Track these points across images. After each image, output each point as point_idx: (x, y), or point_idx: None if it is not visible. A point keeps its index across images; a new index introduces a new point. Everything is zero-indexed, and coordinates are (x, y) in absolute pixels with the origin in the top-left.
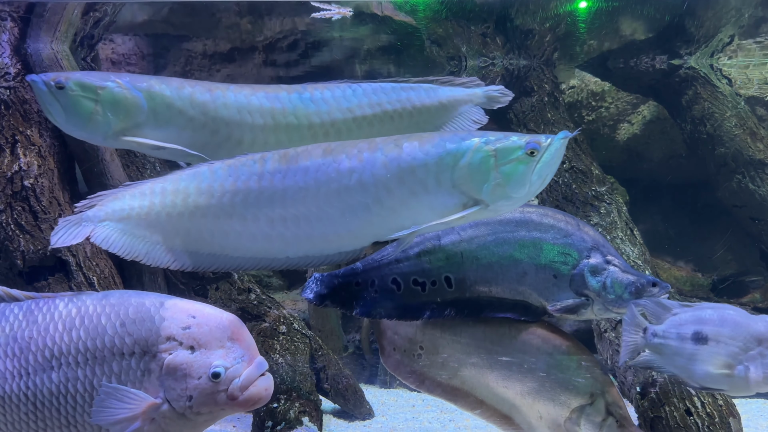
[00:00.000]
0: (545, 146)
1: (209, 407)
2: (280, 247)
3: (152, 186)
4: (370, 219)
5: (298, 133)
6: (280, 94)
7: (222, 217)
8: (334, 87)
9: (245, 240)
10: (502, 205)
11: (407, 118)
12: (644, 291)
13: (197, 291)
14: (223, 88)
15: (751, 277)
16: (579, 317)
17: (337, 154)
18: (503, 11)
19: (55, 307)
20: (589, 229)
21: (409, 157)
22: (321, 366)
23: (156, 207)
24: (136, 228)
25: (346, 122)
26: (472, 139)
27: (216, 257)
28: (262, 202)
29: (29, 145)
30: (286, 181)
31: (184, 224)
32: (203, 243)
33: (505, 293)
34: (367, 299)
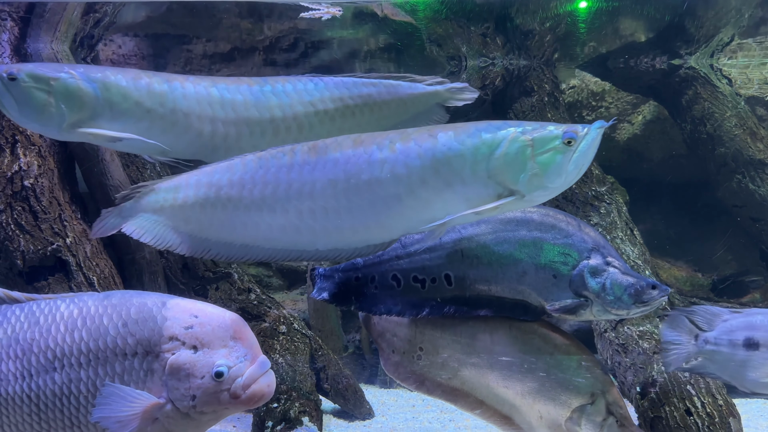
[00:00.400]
0: (582, 135)
1: (213, 406)
2: (309, 240)
3: (187, 179)
4: (401, 211)
5: (259, 126)
6: (241, 87)
7: (253, 209)
8: (296, 80)
9: (275, 232)
10: (538, 195)
11: (368, 114)
12: (644, 293)
13: (197, 291)
14: (182, 79)
15: (751, 277)
16: (578, 318)
17: (368, 145)
18: (503, 11)
19: (56, 309)
20: (590, 230)
21: (445, 147)
22: (321, 366)
23: (190, 199)
24: (171, 219)
25: (308, 116)
26: (509, 128)
27: (248, 248)
28: (292, 194)
29: (29, 145)
30: (316, 173)
31: (217, 216)
32: (236, 234)
33: (505, 292)
34: (366, 295)
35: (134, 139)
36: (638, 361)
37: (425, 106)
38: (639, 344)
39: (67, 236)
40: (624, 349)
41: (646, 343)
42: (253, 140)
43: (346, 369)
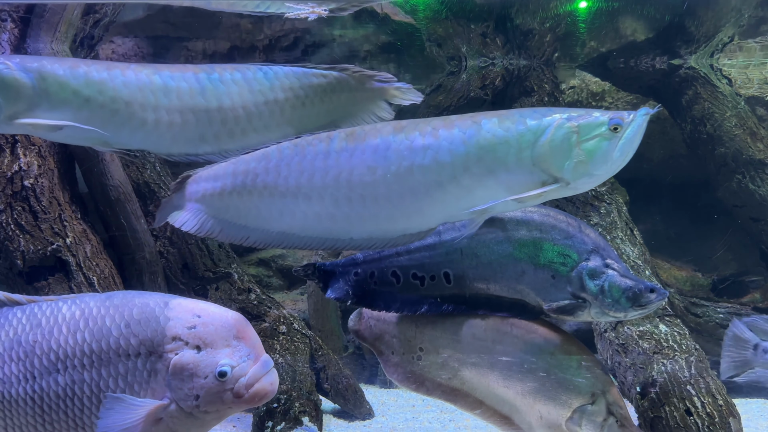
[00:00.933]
0: (628, 122)
1: (216, 406)
2: (344, 228)
3: (225, 167)
4: (442, 198)
5: (206, 115)
6: (186, 74)
7: (288, 197)
8: (245, 69)
9: (310, 220)
10: (583, 182)
11: (318, 105)
12: (642, 297)
13: (197, 291)
14: (123, 67)
15: (751, 277)
16: (575, 319)
17: (410, 132)
18: (503, 11)
19: (58, 310)
20: (591, 232)
21: (489, 134)
22: (321, 366)
23: (228, 187)
24: (211, 208)
25: (257, 105)
26: (554, 115)
27: (285, 236)
28: (328, 181)
29: (29, 145)
30: (354, 160)
31: (254, 203)
32: (272, 222)
33: (503, 291)
34: (366, 291)
35: (74, 128)
36: (638, 361)
37: (373, 101)
38: (639, 344)
39: (67, 236)
40: (624, 349)
41: (646, 343)
42: (200, 129)
43: (346, 369)
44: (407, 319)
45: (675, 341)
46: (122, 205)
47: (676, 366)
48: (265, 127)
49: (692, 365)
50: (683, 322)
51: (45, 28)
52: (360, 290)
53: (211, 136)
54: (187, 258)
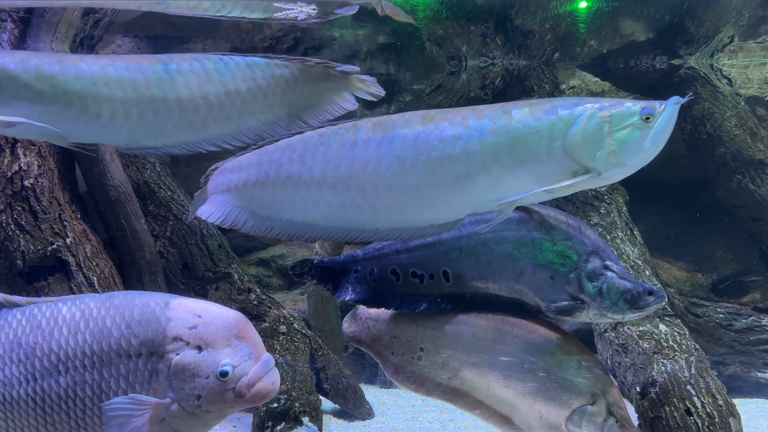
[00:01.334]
0: (660, 111)
1: (218, 405)
2: (370, 218)
3: (249, 158)
4: (471, 189)
5: (164, 106)
6: (142, 65)
7: (313, 187)
8: (205, 59)
9: (335, 210)
10: (615, 172)
11: (280, 96)
12: (640, 299)
13: (197, 291)
14: (76, 60)
15: (751, 277)
16: (574, 319)
17: (439, 122)
18: (503, 11)
19: (58, 312)
20: (591, 233)
21: (520, 124)
22: (321, 366)
23: (252, 178)
24: (236, 199)
25: (217, 96)
26: (585, 105)
27: (309, 227)
28: (354, 171)
29: (29, 145)
30: (381, 150)
31: (278, 194)
32: (296, 212)
33: (502, 291)
34: (365, 288)
35: (27, 124)
36: (638, 361)
37: (336, 92)
38: (639, 344)
39: (67, 236)
40: (624, 349)
41: (646, 343)
42: (159, 121)
43: (346, 369)
44: (407, 319)
45: (675, 341)
46: (122, 205)
47: (676, 366)
48: (226, 119)
49: (692, 365)
50: (683, 322)
51: (45, 28)
52: (359, 287)
53: (170, 128)
54: (187, 258)
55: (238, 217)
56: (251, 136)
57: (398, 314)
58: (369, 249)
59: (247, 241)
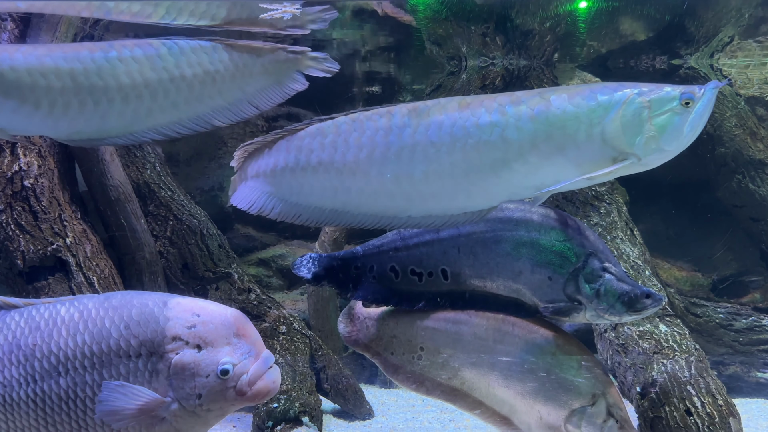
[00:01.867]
0: (699, 96)
1: (219, 404)
2: (402, 206)
3: (279, 143)
4: (508, 177)
5: (105, 95)
6: (81, 54)
7: (345, 173)
8: (147, 45)
9: (368, 197)
10: (654, 158)
11: (229, 80)
12: (637, 302)
13: (197, 291)
14: (11, 50)
15: (751, 277)
16: (570, 320)
17: (476, 108)
18: (503, 11)
19: (57, 313)
20: (590, 234)
21: (559, 110)
22: (321, 366)
23: (281, 163)
24: (265, 185)
25: (162, 82)
26: (624, 90)
27: (338, 213)
28: (389, 157)
29: (29, 145)
30: (417, 136)
31: (307, 180)
32: (326, 199)
33: (500, 290)
34: (364, 284)
35: None
36: (638, 361)
37: (287, 73)
38: (639, 344)
39: (67, 236)
40: (624, 349)
41: (646, 343)
42: (100, 110)
43: (346, 369)
44: (407, 318)
45: (675, 341)
46: (122, 205)
47: (676, 366)
48: (173, 106)
49: (692, 365)
50: (683, 322)
51: (45, 28)
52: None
53: (114, 117)
54: (187, 258)
55: (266, 203)
56: (201, 123)
57: (398, 314)
58: (368, 246)
59: (247, 241)
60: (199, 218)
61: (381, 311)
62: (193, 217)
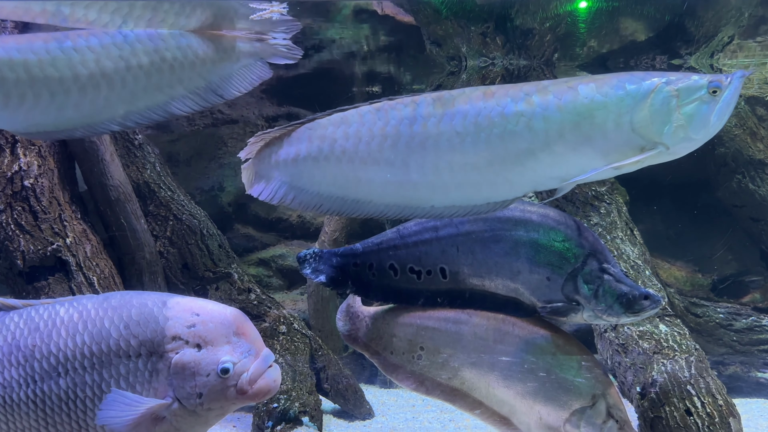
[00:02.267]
0: (726, 85)
1: (220, 403)
2: (426, 196)
3: (301, 132)
4: (533, 167)
5: (61, 86)
6: (34, 44)
7: (369, 163)
8: (103, 34)
9: (391, 187)
10: (682, 147)
11: (189, 68)
12: (635, 303)
13: (197, 291)
14: None
15: (751, 277)
16: (568, 320)
17: (501, 98)
18: (503, 11)
19: (56, 314)
20: (589, 235)
21: (587, 100)
22: (321, 366)
23: (303, 153)
24: (285, 174)
25: (118, 72)
26: (652, 79)
27: (361, 204)
28: (413, 147)
29: (29, 145)
30: (441, 126)
31: (331, 170)
32: (349, 189)
33: (498, 289)
34: (363, 281)
35: None
36: (638, 361)
37: (249, 60)
38: (639, 344)
39: (67, 236)
40: (624, 349)
41: (646, 343)
42: (57, 101)
43: (346, 369)
44: (407, 318)
45: (675, 341)
46: (122, 205)
47: (676, 366)
48: (131, 96)
49: (692, 365)
50: (683, 322)
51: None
52: (357, 280)
53: (71, 109)
54: (187, 258)
55: (286, 193)
56: (161, 113)
57: (397, 313)
58: (367, 243)
59: (247, 241)
60: (199, 218)
61: (381, 310)
62: (193, 217)
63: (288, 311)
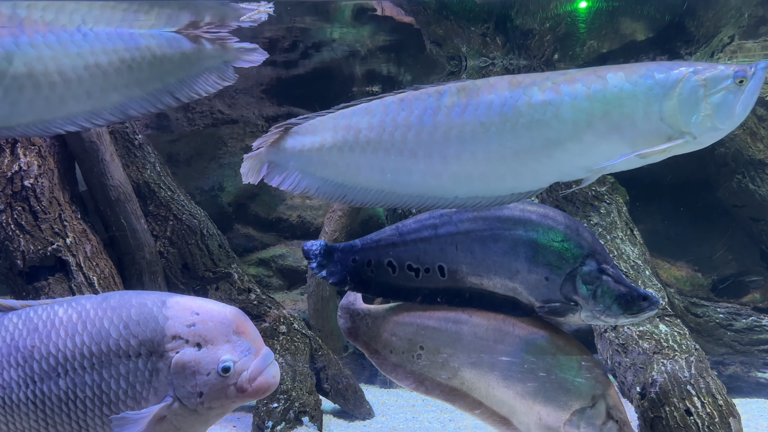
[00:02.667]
0: (751, 75)
1: (220, 401)
2: (450, 186)
3: (325, 121)
4: (561, 156)
5: (15, 83)
6: None
7: (393, 154)
8: (61, 31)
9: (415, 177)
10: (708, 137)
11: (147, 69)
12: (634, 305)
13: (197, 291)
14: None
15: (751, 277)
16: (566, 320)
17: (528, 87)
18: (503, 11)
19: (54, 314)
20: (588, 235)
21: (616, 89)
22: (321, 366)
23: (328, 143)
24: (308, 164)
25: (76, 70)
26: (680, 68)
27: (384, 194)
28: (437, 137)
29: (29, 145)
30: (466, 116)
31: (355, 160)
32: (372, 179)
33: (497, 288)
34: (362, 277)
35: None
36: (638, 361)
37: (212, 63)
38: (639, 344)
39: (67, 236)
40: (624, 349)
41: (646, 343)
42: (10, 98)
43: (346, 369)
44: (407, 317)
45: (675, 341)
46: (122, 205)
47: (676, 366)
48: (87, 95)
49: (692, 365)
50: (683, 322)
51: None
52: (356, 276)
53: (24, 106)
54: (187, 258)
55: (309, 184)
56: (117, 114)
57: (398, 312)
58: (367, 240)
59: (247, 241)
60: (199, 218)
61: (381, 308)
62: (193, 217)
63: (288, 311)
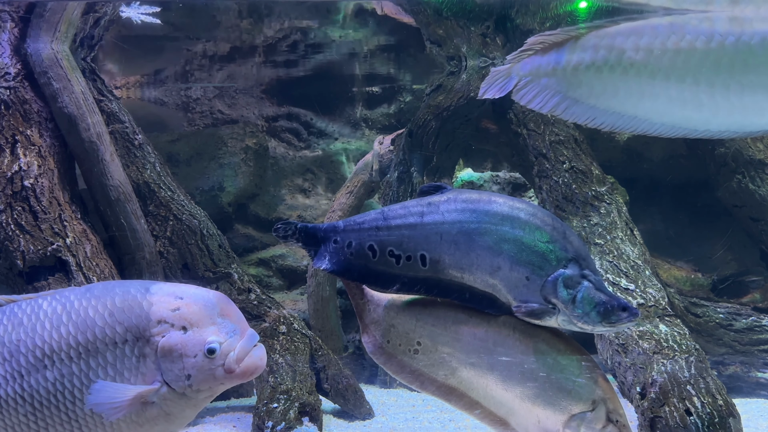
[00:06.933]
0: None
1: (208, 383)
2: (705, 118)
3: (586, 39)
4: None
5: None
6: None
7: (657, 78)
8: None
9: (675, 105)
10: None
11: None
12: (612, 314)
13: None
14: None
15: (751, 277)
16: (541, 323)
17: None
18: (503, 11)
19: (38, 307)
20: (575, 239)
21: None
22: (321, 366)
23: (585, 62)
24: (559, 84)
25: None
26: None
27: (637, 120)
28: (707, 65)
29: (29, 145)
30: (739, 46)
31: (613, 82)
32: (628, 104)
33: (476, 283)
34: (341, 259)
35: None
36: (638, 361)
37: None
38: (639, 344)
39: (67, 236)
40: (624, 349)
41: (646, 343)
42: None
43: (346, 369)
44: (407, 310)
45: (675, 341)
46: (122, 205)
47: (676, 366)
48: None
49: (692, 365)
50: (683, 322)
51: (45, 27)
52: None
53: None
54: (187, 258)
55: (558, 102)
56: None
57: (397, 304)
58: (349, 221)
59: (247, 241)
60: (199, 218)
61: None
62: (193, 217)
63: (288, 311)
